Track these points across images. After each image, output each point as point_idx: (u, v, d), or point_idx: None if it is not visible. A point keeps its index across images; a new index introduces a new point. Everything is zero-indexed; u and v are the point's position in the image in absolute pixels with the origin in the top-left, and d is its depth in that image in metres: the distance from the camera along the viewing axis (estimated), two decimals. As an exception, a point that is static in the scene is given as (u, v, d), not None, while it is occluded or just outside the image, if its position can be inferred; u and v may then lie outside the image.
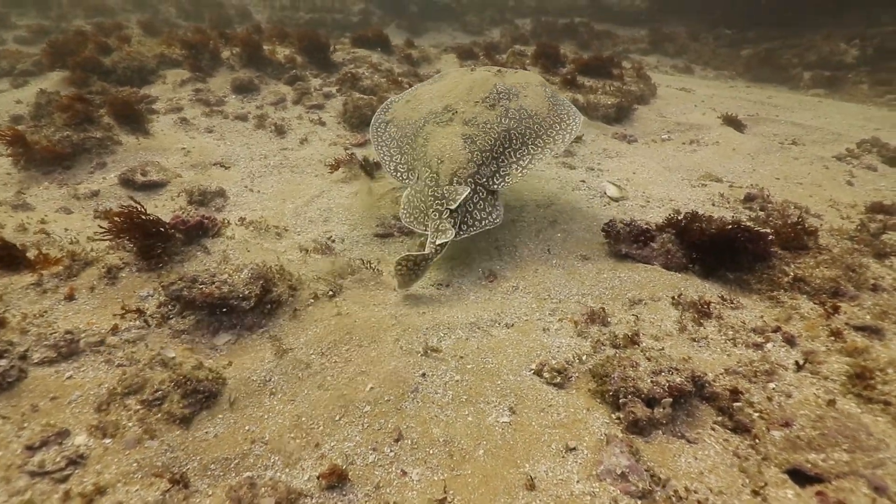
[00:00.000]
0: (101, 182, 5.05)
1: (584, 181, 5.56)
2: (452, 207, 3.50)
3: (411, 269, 3.36)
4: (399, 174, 3.96)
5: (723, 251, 3.75)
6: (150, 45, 8.82)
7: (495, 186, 3.76)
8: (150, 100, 7.31)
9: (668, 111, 9.03)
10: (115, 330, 2.56)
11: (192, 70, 8.06)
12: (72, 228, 4.07)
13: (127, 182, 4.96)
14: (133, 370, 2.31)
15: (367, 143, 6.36)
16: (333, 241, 4.22)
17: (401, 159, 4.00)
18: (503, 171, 3.78)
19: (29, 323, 2.49)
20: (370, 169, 5.44)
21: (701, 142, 7.51)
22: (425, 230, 3.58)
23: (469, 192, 3.58)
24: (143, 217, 3.07)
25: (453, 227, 3.49)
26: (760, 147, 7.25)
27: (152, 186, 4.99)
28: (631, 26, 17.30)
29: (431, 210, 3.58)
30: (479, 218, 3.66)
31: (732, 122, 8.06)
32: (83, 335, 2.45)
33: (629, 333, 2.95)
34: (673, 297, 3.42)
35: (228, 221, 4.01)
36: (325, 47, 9.09)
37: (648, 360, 2.49)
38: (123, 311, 2.66)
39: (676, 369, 2.42)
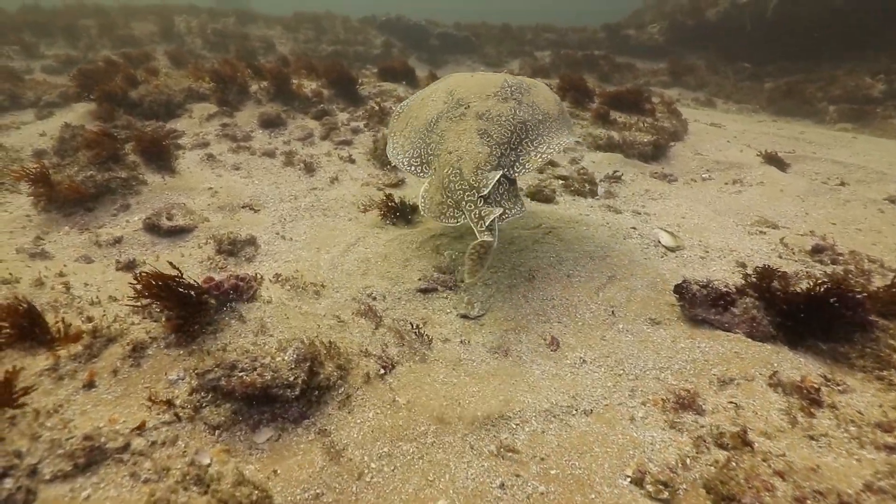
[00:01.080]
0: (124, 226, 4.77)
1: (635, 228, 5.19)
2: (485, 193, 3.29)
3: (481, 256, 3.17)
4: (413, 168, 3.86)
5: (814, 318, 3.34)
6: (176, 77, 8.75)
7: (515, 174, 3.60)
8: (176, 134, 7.14)
9: (703, 148, 8.73)
10: (141, 428, 2.18)
11: (219, 104, 7.93)
12: (92, 283, 3.75)
13: (152, 227, 4.67)
14: (163, 489, 1.92)
15: (401, 183, 6.07)
16: (374, 299, 3.85)
17: (413, 153, 3.91)
18: (522, 159, 3.66)
19: (41, 424, 2.12)
20: (407, 213, 5.12)
21: (744, 182, 7.15)
22: (457, 223, 3.43)
23: (499, 175, 3.40)
24: (178, 283, 2.73)
25: (494, 206, 3.31)
26: (808, 188, 6.88)
27: (178, 232, 4.69)
28: (649, 59, 17.27)
29: (465, 203, 3.35)
30: (507, 207, 3.45)
31: (774, 161, 7.72)
32: (104, 438, 2.08)
33: (736, 430, 2.51)
34: (769, 377, 2.99)
35: (262, 277, 3.67)
36: (352, 81, 8.97)
37: (781, 477, 2.06)
38: (151, 403, 2.29)
39: (821, 493, 1.98)
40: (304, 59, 10.84)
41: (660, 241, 4.95)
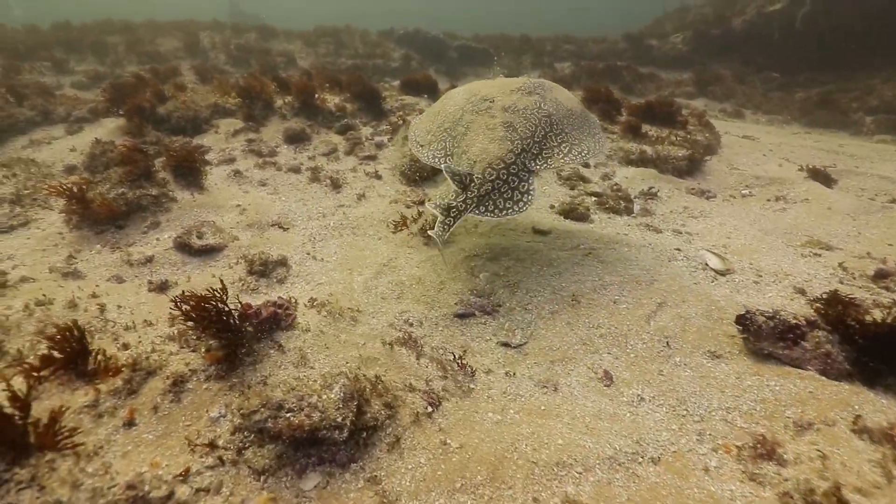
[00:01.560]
0: (154, 245, 4.70)
1: (679, 249, 4.95)
2: (473, 194, 3.47)
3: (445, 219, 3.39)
4: (436, 160, 3.89)
5: (894, 353, 3.06)
6: (202, 92, 8.81)
7: (537, 167, 3.69)
8: (202, 150, 7.12)
9: (739, 162, 8.43)
10: (185, 475, 2.03)
11: (244, 119, 7.93)
12: (125, 305, 3.65)
13: (183, 246, 4.58)
14: (211, 548, 1.76)
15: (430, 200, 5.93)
16: (412, 325, 3.68)
17: (438, 146, 3.96)
18: (546, 153, 3.74)
19: (82, 469, 1.98)
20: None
21: (788, 198, 6.84)
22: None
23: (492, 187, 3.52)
24: (220, 310, 2.59)
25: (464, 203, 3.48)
26: (858, 206, 6.54)
27: (209, 252, 4.60)
28: (673, 69, 17.00)
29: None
30: (501, 207, 3.55)
31: (819, 176, 7.40)
32: (147, 486, 1.93)
33: (828, 487, 2.25)
34: (853, 422, 2.72)
35: (297, 302, 3.53)
36: (375, 94, 8.92)
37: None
38: (193, 446, 2.13)
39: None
40: (327, 73, 10.86)
41: (707, 264, 4.69)
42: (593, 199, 6.43)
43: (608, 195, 6.41)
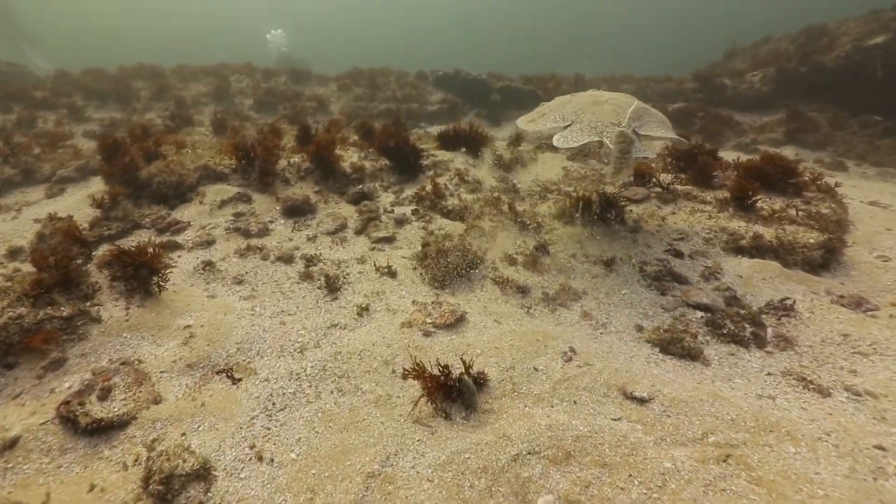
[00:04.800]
0: (31, 411, 3.07)
1: (882, 449, 2.81)
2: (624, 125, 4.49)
3: (623, 153, 4.24)
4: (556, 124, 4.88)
5: None
6: (203, 149, 7.55)
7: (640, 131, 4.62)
8: (179, 227, 5.70)
9: (885, 245, 6.14)
10: None
11: (239, 182, 6.51)
12: None
13: (67, 420, 2.93)
14: None
15: (463, 321, 4.06)
16: None
17: (556, 115, 5.02)
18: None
19: None
20: (470, 395, 3.08)
21: None
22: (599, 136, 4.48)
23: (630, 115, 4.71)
24: None
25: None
26: None
27: (103, 431, 2.92)
28: (751, 112, 14.75)
29: (606, 130, 4.53)
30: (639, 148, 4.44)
31: None
32: None
33: None
34: None
35: None
36: (412, 151, 7.27)
37: None
38: None
39: None
40: (360, 122, 9.46)
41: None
42: (700, 315, 4.39)
43: (722, 310, 4.36)
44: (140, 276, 4.27)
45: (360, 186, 6.66)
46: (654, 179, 6.88)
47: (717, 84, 14.88)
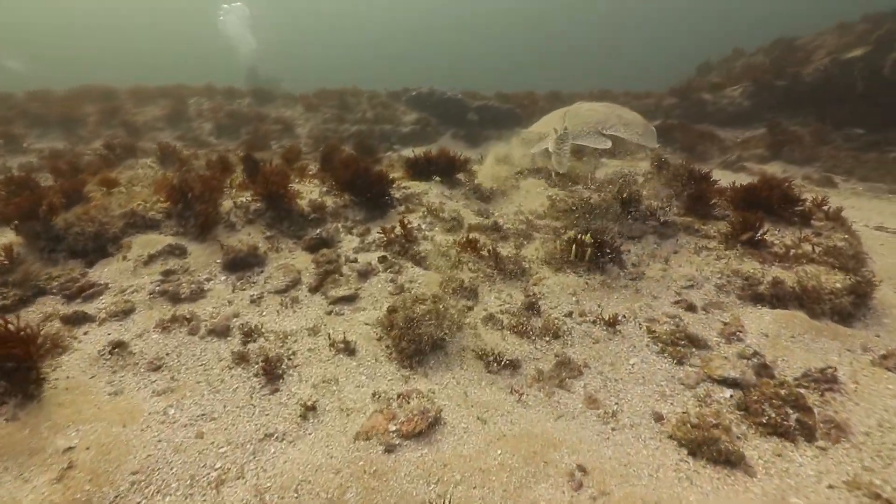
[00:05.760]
0: None
1: None
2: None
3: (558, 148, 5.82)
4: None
5: None
6: (142, 186, 6.53)
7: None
8: (92, 292, 4.67)
9: (910, 283, 5.51)
10: None
11: (173, 230, 5.52)
12: None
13: None
14: None
15: (436, 425, 3.14)
16: None
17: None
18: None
19: None
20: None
21: None
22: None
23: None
24: None
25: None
26: None
27: None
28: (732, 127, 14.41)
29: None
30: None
31: None
32: None
33: None
34: None
35: None
36: (379, 183, 6.38)
37: None
38: None
39: None
40: (325, 147, 8.54)
41: None
42: (728, 395, 3.59)
43: (755, 389, 3.57)
44: (18, 373, 3.25)
45: (319, 230, 5.74)
46: (648, 211, 6.14)
47: (697, 99, 14.53)
